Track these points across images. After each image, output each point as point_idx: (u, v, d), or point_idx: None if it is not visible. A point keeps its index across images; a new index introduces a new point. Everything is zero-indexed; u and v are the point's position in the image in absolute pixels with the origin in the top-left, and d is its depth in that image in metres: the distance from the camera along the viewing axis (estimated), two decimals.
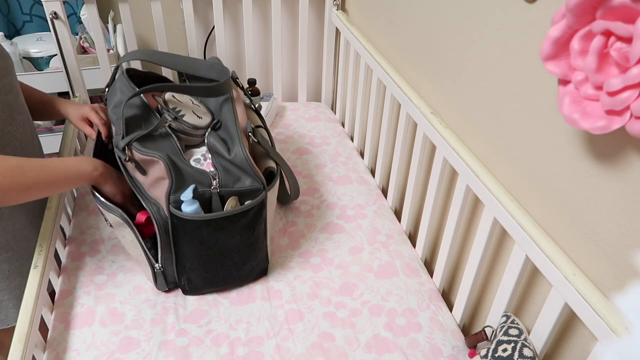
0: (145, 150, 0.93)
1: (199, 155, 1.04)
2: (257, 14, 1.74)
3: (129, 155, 0.94)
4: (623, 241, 0.69)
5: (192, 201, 0.94)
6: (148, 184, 0.97)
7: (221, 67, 1.12)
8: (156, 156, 0.92)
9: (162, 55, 1.13)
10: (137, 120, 1.01)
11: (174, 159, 0.95)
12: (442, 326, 1.04)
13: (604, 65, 0.61)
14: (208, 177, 0.97)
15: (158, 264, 1.02)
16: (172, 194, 0.94)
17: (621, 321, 0.67)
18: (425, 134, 1.14)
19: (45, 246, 1.01)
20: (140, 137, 0.95)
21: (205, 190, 0.96)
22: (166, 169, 0.93)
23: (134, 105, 1.02)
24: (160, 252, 1.01)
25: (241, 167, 0.97)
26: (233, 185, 0.97)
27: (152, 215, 0.96)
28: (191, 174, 0.96)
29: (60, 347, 0.96)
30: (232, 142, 1.00)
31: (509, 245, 0.94)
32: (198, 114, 1.05)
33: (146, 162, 0.94)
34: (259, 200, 0.99)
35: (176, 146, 0.98)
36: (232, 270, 1.04)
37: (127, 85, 1.04)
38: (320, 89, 1.93)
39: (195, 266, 1.01)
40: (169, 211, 0.95)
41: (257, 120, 1.22)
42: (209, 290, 1.08)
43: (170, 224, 0.97)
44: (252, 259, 1.05)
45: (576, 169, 0.75)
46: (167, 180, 0.94)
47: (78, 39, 2.14)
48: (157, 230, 0.98)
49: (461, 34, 1.01)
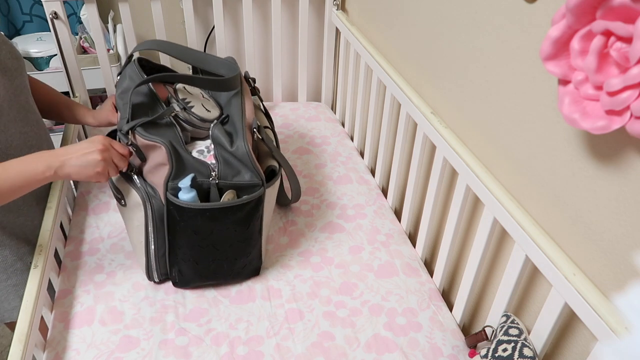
0: (148, 135, 0.94)
1: (203, 147, 1.04)
2: (257, 14, 1.74)
3: (131, 140, 0.95)
4: (623, 241, 0.69)
5: (190, 189, 0.94)
6: (147, 170, 0.98)
7: (231, 65, 1.12)
8: (158, 141, 0.94)
9: (174, 47, 1.14)
10: (144, 107, 1.02)
11: (176, 147, 0.96)
12: (442, 326, 1.04)
13: (604, 65, 0.61)
14: (208, 168, 0.98)
15: (152, 252, 1.03)
16: (171, 181, 0.95)
17: (621, 321, 0.67)
18: (425, 134, 1.14)
19: (45, 246, 1.01)
20: (144, 123, 0.96)
21: (204, 181, 0.97)
22: (167, 155, 0.94)
23: (141, 93, 1.04)
24: (153, 240, 1.01)
25: (242, 160, 0.98)
26: (232, 178, 0.98)
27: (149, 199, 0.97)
28: (191, 163, 0.97)
29: (60, 347, 0.96)
30: (236, 135, 1.01)
31: (509, 245, 0.94)
32: (207, 107, 1.06)
33: (148, 148, 0.95)
34: (256, 196, 0.99)
35: (179, 136, 0.99)
36: (223, 265, 1.04)
37: (137, 73, 1.05)
38: (320, 89, 1.93)
39: (187, 257, 1.02)
40: (166, 197, 0.96)
41: (265, 121, 1.23)
42: (199, 283, 1.08)
43: (166, 211, 0.97)
44: (244, 255, 1.05)
45: (576, 169, 0.75)
46: (167, 166, 0.95)
47: (78, 39, 2.14)
48: (152, 216, 0.98)
49: (461, 34, 1.01)
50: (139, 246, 1.04)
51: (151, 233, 1.01)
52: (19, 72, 1.03)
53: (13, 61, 1.01)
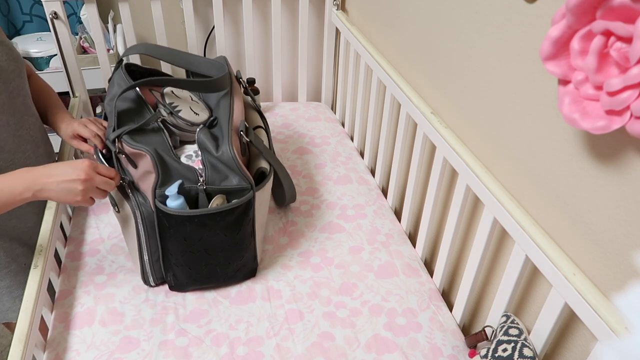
0: (135, 143, 0.94)
1: (191, 151, 1.04)
2: (257, 14, 1.74)
3: (119, 148, 0.95)
4: (623, 241, 0.69)
5: (177, 196, 0.94)
6: (137, 177, 0.98)
7: (221, 65, 1.12)
8: (144, 150, 0.94)
9: (163, 50, 1.13)
10: (130, 114, 1.02)
11: (162, 154, 0.96)
12: (442, 326, 1.04)
13: (604, 65, 0.61)
14: (195, 173, 0.97)
15: (146, 258, 1.03)
16: (158, 188, 0.95)
17: (621, 321, 0.67)
18: (425, 134, 1.14)
19: (45, 246, 1.01)
20: (131, 131, 0.96)
21: (192, 187, 0.96)
22: (153, 163, 0.94)
23: (128, 99, 1.03)
24: (145, 246, 1.01)
25: (228, 165, 0.97)
26: (220, 183, 0.97)
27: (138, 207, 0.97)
28: (178, 170, 0.96)
29: (60, 347, 0.96)
30: (222, 139, 1.00)
31: (509, 245, 0.94)
32: (195, 110, 1.06)
33: (135, 155, 0.95)
34: (245, 200, 0.98)
35: (166, 141, 0.99)
36: (216, 269, 1.04)
37: (124, 79, 1.05)
38: (320, 89, 1.93)
39: (180, 262, 1.02)
40: (155, 205, 0.96)
41: (259, 120, 1.22)
42: (194, 287, 1.08)
43: (156, 218, 0.97)
44: (237, 259, 1.05)
45: (576, 169, 0.75)
46: (154, 174, 0.94)
47: (78, 39, 2.14)
48: (142, 223, 0.99)
49: (461, 34, 1.01)
50: (134, 251, 1.04)
51: (144, 240, 1.01)
52: (16, 74, 1.01)
53: (10, 63, 1.00)
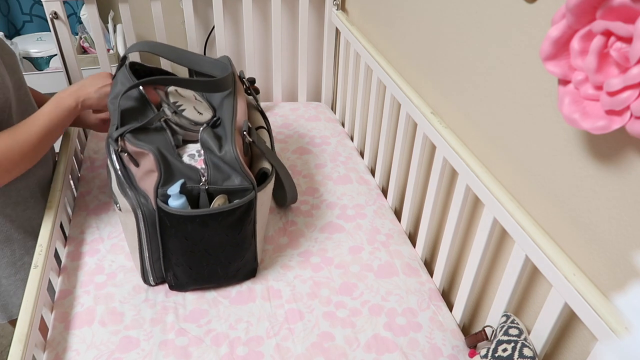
0: (137, 142, 0.94)
1: (194, 151, 1.04)
2: (257, 14, 1.74)
3: (121, 146, 0.95)
4: (623, 241, 0.69)
5: (179, 196, 0.94)
6: (139, 176, 0.98)
7: (224, 65, 1.12)
8: (146, 149, 0.93)
9: (167, 48, 1.13)
10: (134, 112, 1.02)
11: (165, 153, 0.95)
12: (442, 326, 1.04)
13: (604, 65, 0.61)
14: (198, 173, 0.97)
15: (147, 257, 1.03)
16: (160, 188, 0.95)
17: (621, 321, 0.67)
18: (425, 134, 1.14)
19: (45, 246, 1.01)
20: (134, 129, 0.96)
21: (194, 187, 0.96)
22: (155, 162, 0.94)
23: (132, 98, 1.03)
24: (146, 245, 1.01)
25: (231, 165, 0.97)
26: (222, 183, 0.97)
27: (140, 206, 0.98)
28: (180, 169, 0.96)
29: (60, 347, 0.96)
30: (225, 139, 1.00)
31: (509, 245, 0.94)
32: (199, 110, 1.06)
33: (138, 154, 0.95)
34: (247, 200, 0.98)
35: (169, 141, 0.99)
36: (217, 269, 1.04)
37: (128, 77, 1.05)
38: (320, 89, 1.93)
39: (180, 262, 1.02)
40: (156, 204, 0.96)
41: (261, 120, 1.22)
42: (194, 287, 1.07)
43: (157, 217, 0.97)
44: (238, 259, 1.05)
45: (576, 169, 0.75)
46: (157, 173, 0.94)
47: (78, 39, 2.14)
48: (143, 222, 0.98)
49: (461, 34, 1.01)
50: (134, 250, 1.04)
51: (144, 239, 1.01)
52: (14, 68, 1.04)
53: (9, 57, 1.03)
